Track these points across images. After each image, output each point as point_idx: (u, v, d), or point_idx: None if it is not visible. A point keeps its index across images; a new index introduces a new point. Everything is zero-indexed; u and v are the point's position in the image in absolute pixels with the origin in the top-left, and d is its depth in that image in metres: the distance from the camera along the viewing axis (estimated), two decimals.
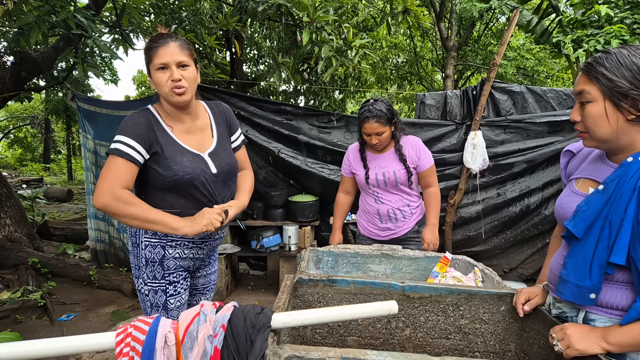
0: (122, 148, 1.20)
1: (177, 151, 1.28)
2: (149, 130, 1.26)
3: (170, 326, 0.76)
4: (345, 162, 2.12)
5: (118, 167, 1.19)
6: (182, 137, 1.32)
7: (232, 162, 1.41)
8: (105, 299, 3.20)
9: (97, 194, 1.17)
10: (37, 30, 2.65)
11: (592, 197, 0.87)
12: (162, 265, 1.29)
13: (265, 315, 0.80)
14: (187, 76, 1.26)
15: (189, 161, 1.28)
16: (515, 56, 6.52)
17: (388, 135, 1.92)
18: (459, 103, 3.28)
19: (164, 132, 1.29)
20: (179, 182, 1.25)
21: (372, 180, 1.97)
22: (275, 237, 3.37)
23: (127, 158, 1.19)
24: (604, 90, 0.84)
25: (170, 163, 1.25)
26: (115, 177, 1.17)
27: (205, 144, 1.37)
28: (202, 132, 1.38)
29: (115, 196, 1.15)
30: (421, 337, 1.19)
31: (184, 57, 1.25)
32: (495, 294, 1.14)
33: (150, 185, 1.28)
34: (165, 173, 1.25)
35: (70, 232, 4.66)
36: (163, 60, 1.23)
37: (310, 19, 3.15)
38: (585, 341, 0.83)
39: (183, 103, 1.28)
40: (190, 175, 1.26)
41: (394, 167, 1.95)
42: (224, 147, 1.42)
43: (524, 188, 3.27)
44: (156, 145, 1.25)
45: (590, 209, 0.85)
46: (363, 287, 1.18)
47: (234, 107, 3.25)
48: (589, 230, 0.85)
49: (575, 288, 0.87)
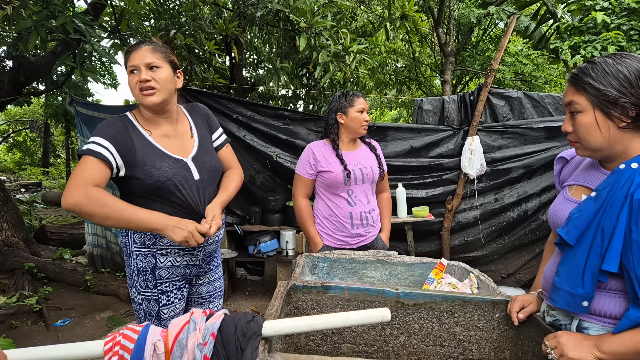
0: (94, 147, 1.17)
1: (157, 156, 1.24)
2: (124, 135, 1.22)
3: (159, 334, 0.75)
4: (307, 161, 1.95)
5: (89, 166, 1.15)
6: (161, 141, 1.29)
7: (215, 164, 1.38)
8: (102, 304, 3.18)
9: (66, 193, 1.11)
10: (35, 35, 2.66)
11: (584, 204, 0.86)
12: (154, 275, 1.27)
13: (256, 323, 0.79)
14: (157, 77, 1.23)
15: (169, 166, 1.24)
16: (513, 62, 6.55)
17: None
18: (457, 108, 3.29)
19: (142, 137, 1.26)
20: (161, 188, 1.22)
21: (352, 176, 1.89)
22: (273, 242, 3.36)
23: (98, 157, 1.15)
24: (592, 100, 0.84)
25: (149, 169, 1.21)
26: (86, 176, 1.13)
27: (187, 148, 1.34)
28: (182, 135, 1.35)
29: (86, 194, 1.10)
30: (415, 344, 1.18)
31: (154, 59, 1.23)
32: (490, 300, 1.13)
33: (134, 194, 1.25)
34: (147, 180, 1.21)
35: (68, 236, 4.64)
36: (133, 63, 1.23)
37: (308, 25, 3.17)
38: (578, 350, 0.82)
39: (153, 104, 1.24)
40: (172, 181, 1.23)
41: (369, 163, 1.96)
42: (206, 149, 1.38)
43: (522, 193, 3.27)
44: (132, 150, 1.21)
45: (582, 216, 0.85)
46: (357, 293, 1.17)
47: (232, 111, 3.25)
48: (582, 238, 0.84)
49: (568, 296, 0.86)
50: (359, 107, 1.93)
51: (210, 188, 1.36)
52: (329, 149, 1.97)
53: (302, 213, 1.99)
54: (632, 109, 0.81)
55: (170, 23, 4.65)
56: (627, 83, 0.81)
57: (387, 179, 2.14)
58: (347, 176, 1.89)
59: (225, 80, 5.68)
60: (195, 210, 1.29)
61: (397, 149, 3.25)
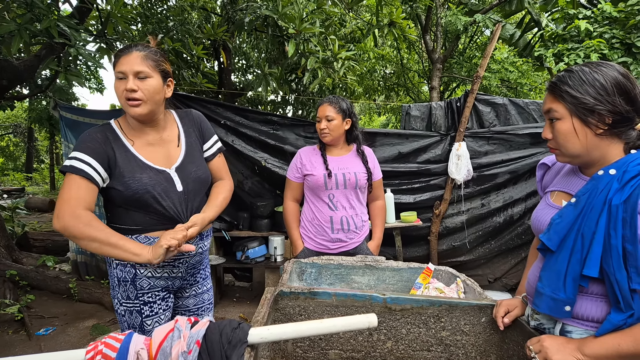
0: (79, 165, 1.13)
1: (137, 167, 1.21)
2: (107, 146, 1.19)
3: (142, 343, 0.73)
4: (295, 165, 2.00)
5: (76, 187, 1.12)
6: (144, 151, 1.25)
7: (201, 174, 1.33)
8: (86, 313, 3.10)
9: (57, 215, 1.10)
10: (18, 38, 2.61)
11: (564, 210, 0.88)
12: (135, 285, 1.24)
13: (242, 330, 0.78)
14: (144, 87, 1.18)
15: (149, 178, 1.20)
16: (499, 69, 6.69)
17: (337, 126, 1.90)
18: (444, 114, 3.34)
19: (123, 148, 1.22)
20: (139, 200, 1.19)
21: (333, 180, 1.89)
22: (261, 248, 3.33)
23: (84, 176, 1.13)
24: (570, 108, 0.87)
25: (128, 180, 1.18)
26: (75, 197, 1.10)
27: (172, 157, 1.29)
28: (168, 144, 1.30)
29: (75, 217, 1.09)
30: (403, 349, 1.18)
31: (143, 68, 1.17)
32: (476, 305, 1.15)
33: (114, 203, 1.23)
34: (125, 192, 1.18)
35: (51, 243, 4.53)
36: (121, 69, 1.17)
37: (297, 31, 3.19)
38: (561, 353, 0.83)
39: (138, 116, 1.20)
40: (150, 193, 1.19)
41: (354, 169, 1.94)
42: (193, 159, 1.33)
43: (508, 198, 3.32)
44: (113, 162, 1.18)
45: (563, 222, 0.87)
46: (345, 299, 1.17)
47: (220, 116, 3.24)
48: (563, 243, 0.86)
49: (551, 301, 0.88)
50: (317, 116, 1.94)
51: (196, 199, 1.32)
52: (316, 153, 1.98)
53: (287, 216, 2.05)
54: (608, 116, 0.84)
55: (157, 27, 4.62)
56: (604, 91, 0.83)
57: (382, 187, 2.11)
58: (328, 176, 1.88)
59: (214, 85, 5.65)
60: (177, 221, 1.25)
61: (385, 155, 3.27)
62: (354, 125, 1.98)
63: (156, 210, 1.22)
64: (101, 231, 1.11)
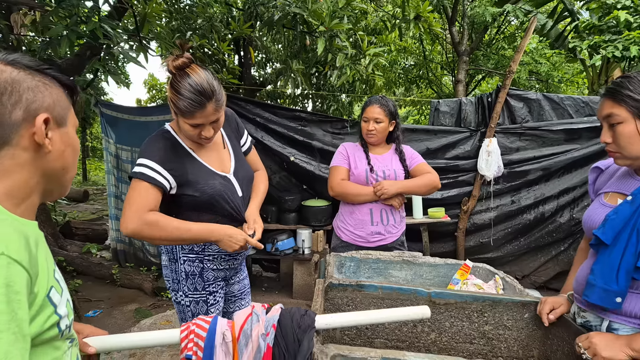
0: (147, 172, 1.17)
1: (207, 174, 1.28)
2: (173, 154, 1.24)
3: (226, 325, 0.83)
4: (341, 154, 2.03)
5: (144, 192, 1.16)
6: (205, 157, 1.32)
7: (249, 174, 1.43)
8: (127, 297, 3.30)
9: (124, 220, 1.15)
10: (66, 41, 2.76)
11: (620, 207, 0.93)
12: (202, 278, 1.33)
13: (309, 316, 0.86)
14: (218, 127, 1.25)
15: (220, 184, 1.29)
16: (529, 61, 6.52)
17: (384, 128, 1.94)
18: (474, 110, 3.32)
19: (188, 155, 1.28)
20: (214, 204, 1.28)
21: (374, 175, 1.94)
22: (290, 241, 3.43)
23: (152, 182, 1.17)
24: (632, 111, 0.91)
25: (203, 187, 1.25)
26: (141, 202, 1.15)
27: (224, 161, 1.37)
28: (217, 147, 1.38)
29: (144, 221, 1.14)
30: (446, 341, 1.24)
31: (217, 115, 1.21)
32: (520, 301, 1.19)
33: (186, 207, 1.29)
34: (201, 196, 1.25)
35: (91, 232, 4.79)
36: (197, 122, 1.19)
37: (326, 28, 3.22)
38: (611, 349, 0.87)
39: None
40: (223, 197, 1.28)
41: (394, 167, 1.98)
42: (241, 162, 1.42)
43: (539, 196, 3.29)
44: (183, 169, 1.25)
45: (618, 218, 0.91)
46: (390, 292, 1.24)
47: (251, 113, 3.33)
48: (617, 238, 0.90)
49: (602, 292, 0.92)
50: (364, 116, 1.97)
51: (249, 197, 1.43)
52: (359, 149, 2.04)
53: (347, 186, 1.97)
54: None
55: (183, 24, 4.72)
56: None
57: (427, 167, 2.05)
58: (370, 171, 1.94)
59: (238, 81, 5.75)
60: (237, 218, 1.36)
61: None
62: (397, 126, 2.02)
63: (225, 211, 1.31)
64: (170, 227, 1.17)
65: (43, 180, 0.66)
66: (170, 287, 1.37)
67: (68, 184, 0.73)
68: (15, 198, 0.62)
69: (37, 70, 0.65)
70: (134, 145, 3.59)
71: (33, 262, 0.56)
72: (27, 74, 0.63)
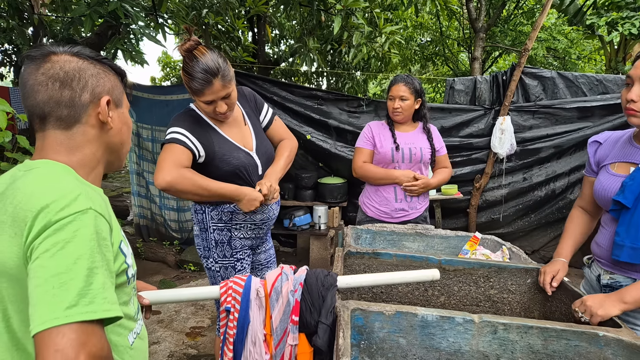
0: (179, 137, 1.29)
1: (232, 147, 1.39)
2: (201, 127, 1.35)
3: (259, 283, 0.95)
4: (365, 135, 2.08)
5: (177, 152, 1.27)
6: (228, 132, 1.42)
7: (269, 151, 1.51)
8: (152, 269, 3.51)
9: (161, 173, 1.22)
10: (89, 20, 2.85)
11: (635, 173, 1.02)
12: (230, 245, 1.46)
13: (331, 277, 0.98)
14: (231, 103, 1.33)
15: (244, 157, 1.40)
16: (547, 37, 6.35)
17: (410, 105, 1.98)
18: (489, 88, 3.33)
19: (214, 130, 1.39)
20: (237, 174, 1.39)
21: (400, 154, 1.99)
22: (306, 217, 3.57)
23: (184, 145, 1.28)
24: None
25: (229, 158, 1.36)
26: (176, 159, 1.26)
27: (245, 137, 1.46)
28: (238, 123, 1.46)
29: (180, 174, 1.23)
30: (454, 303, 1.36)
31: (227, 91, 1.29)
32: (523, 268, 1.29)
33: (211, 176, 1.37)
34: (226, 167, 1.36)
35: (113, 208, 5.00)
36: (208, 99, 1.28)
37: (343, 6, 3.23)
38: (604, 307, 0.97)
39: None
40: (246, 169, 1.40)
41: (420, 145, 2.03)
42: (262, 139, 1.50)
43: (550, 173, 3.33)
44: (210, 141, 1.35)
45: (635, 183, 1.00)
46: (404, 260, 1.35)
47: (268, 92, 3.40)
48: (637, 200, 0.98)
49: (631, 250, 1.02)
50: (390, 94, 2.02)
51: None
52: (385, 128, 2.09)
53: (368, 169, 2.06)
54: None
55: (197, 0, 4.74)
56: None
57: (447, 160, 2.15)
58: (396, 149, 1.99)
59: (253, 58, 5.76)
60: None
61: None
62: (423, 104, 2.05)
63: (243, 182, 1.42)
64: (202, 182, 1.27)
65: (106, 153, 0.78)
66: (202, 254, 1.51)
67: (124, 157, 0.85)
68: (86, 167, 0.74)
69: (97, 60, 0.75)
70: (154, 124, 3.72)
71: (109, 218, 0.68)
72: (89, 63, 0.74)
